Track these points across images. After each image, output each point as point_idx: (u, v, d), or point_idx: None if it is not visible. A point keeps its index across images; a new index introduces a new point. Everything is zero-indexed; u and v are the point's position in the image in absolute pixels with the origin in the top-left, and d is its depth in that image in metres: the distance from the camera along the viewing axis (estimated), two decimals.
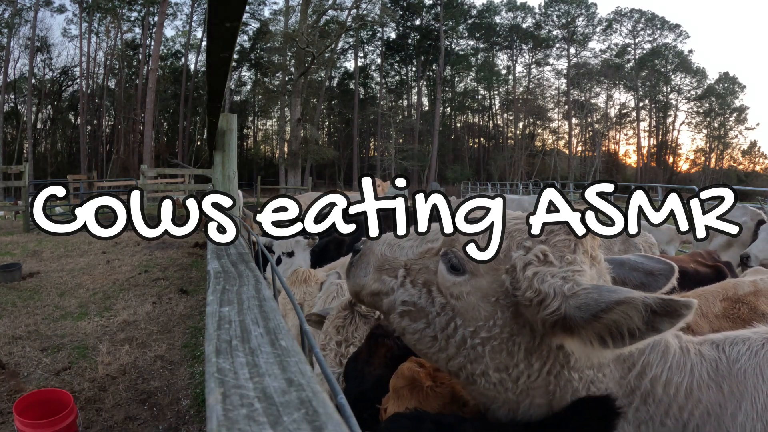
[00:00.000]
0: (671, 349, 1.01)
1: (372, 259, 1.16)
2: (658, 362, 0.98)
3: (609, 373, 0.96)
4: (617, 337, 0.80)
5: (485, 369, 0.94)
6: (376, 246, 1.18)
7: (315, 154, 35.53)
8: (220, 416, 0.52)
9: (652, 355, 0.98)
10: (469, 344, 0.95)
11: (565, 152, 48.58)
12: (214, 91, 3.06)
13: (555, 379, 0.93)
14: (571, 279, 0.87)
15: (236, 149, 4.58)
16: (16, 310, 5.40)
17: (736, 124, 48.60)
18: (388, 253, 1.14)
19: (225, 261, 1.91)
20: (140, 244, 9.67)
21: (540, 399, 0.94)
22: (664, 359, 0.98)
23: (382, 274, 1.13)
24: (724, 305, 1.73)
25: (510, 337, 0.92)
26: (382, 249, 1.15)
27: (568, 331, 0.83)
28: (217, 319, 0.98)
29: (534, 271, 0.89)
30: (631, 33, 48.25)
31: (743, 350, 1.03)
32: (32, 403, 2.92)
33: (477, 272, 0.96)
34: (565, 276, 0.87)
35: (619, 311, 0.78)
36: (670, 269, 1.14)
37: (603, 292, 0.81)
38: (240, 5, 1.76)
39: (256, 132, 51.16)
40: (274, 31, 40.68)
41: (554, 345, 0.91)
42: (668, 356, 0.99)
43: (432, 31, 46.81)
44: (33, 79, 39.25)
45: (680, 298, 0.79)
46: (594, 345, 0.81)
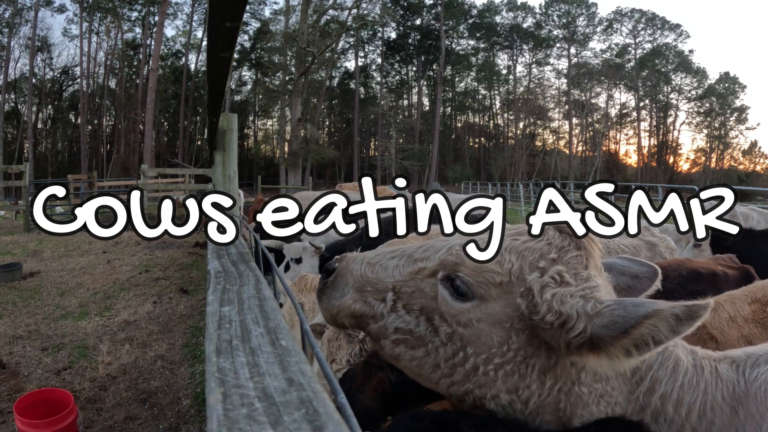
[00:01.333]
0: (682, 366, 0.98)
1: (350, 279, 1.06)
2: (668, 379, 0.95)
3: (617, 386, 0.94)
4: (642, 346, 0.79)
5: (496, 393, 0.91)
6: (353, 265, 1.07)
7: (315, 153, 35.54)
8: (221, 416, 0.52)
9: (661, 371, 0.96)
10: (481, 371, 0.90)
11: (566, 152, 48.57)
12: (215, 90, 3.06)
13: (566, 396, 0.90)
14: (591, 297, 0.85)
15: (237, 149, 4.59)
16: (16, 309, 5.40)
17: (736, 124, 48.59)
18: (370, 273, 1.03)
19: (225, 260, 1.91)
20: (141, 244, 9.68)
21: (549, 416, 0.92)
22: (674, 377, 0.96)
23: (366, 296, 1.03)
24: (753, 308, 1.68)
25: (524, 359, 0.89)
26: (361, 268, 1.05)
27: (595, 349, 0.81)
28: (218, 318, 0.98)
29: (552, 293, 0.86)
30: (632, 33, 48.23)
31: (764, 370, 0.98)
32: (33, 402, 2.92)
33: (488, 297, 0.90)
34: (584, 294, 0.85)
35: (648, 324, 0.77)
36: (654, 272, 1.15)
37: (628, 308, 0.80)
38: (240, 5, 1.76)
39: (256, 132, 51.19)
40: (274, 31, 40.67)
41: (569, 362, 0.89)
42: (678, 374, 0.96)
43: (432, 31, 46.79)
44: (33, 79, 39.27)
45: (700, 301, 0.79)
46: (620, 358, 0.81)
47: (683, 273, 2.14)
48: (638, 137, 49.77)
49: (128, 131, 40.81)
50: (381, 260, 1.05)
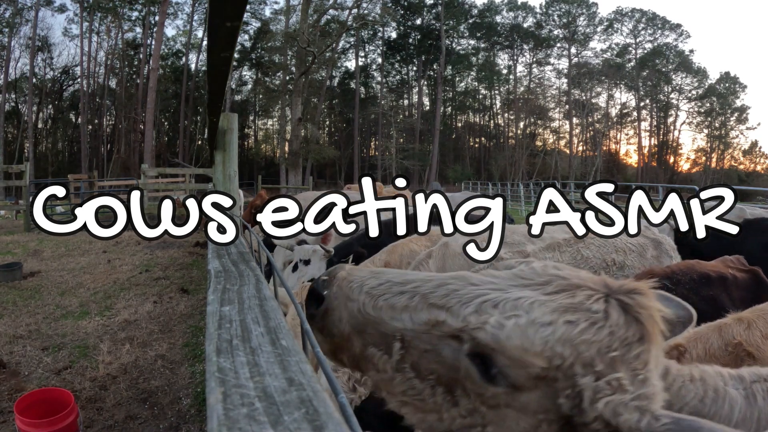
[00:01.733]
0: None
1: (344, 314, 0.85)
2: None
3: None
4: None
5: None
6: (348, 292, 0.85)
7: (316, 153, 35.53)
8: (221, 415, 0.52)
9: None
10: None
11: (566, 152, 48.54)
12: (215, 90, 3.06)
13: None
14: (647, 410, 0.74)
15: (237, 149, 4.59)
16: (16, 309, 5.40)
17: (737, 123, 48.54)
18: (371, 310, 0.83)
19: (226, 260, 1.91)
20: (141, 244, 9.68)
21: None
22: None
23: (366, 339, 0.83)
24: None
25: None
26: (360, 299, 0.84)
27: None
28: (218, 318, 0.98)
29: (606, 402, 0.73)
30: (632, 33, 48.18)
31: None
32: (33, 402, 2.92)
33: (524, 388, 0.77)
34: (641, 407, 0.75)
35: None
36: (689, 317, 1.03)
37: (684, 428, 0.71)
38: (240, 5, 1.76)
39: (256, 131, 51.16)
40: (274, 31, 40.65)
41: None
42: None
43: (433, 31, 46.76)
44: (34, 79, 39.26)
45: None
46: None
47: (694, 277, 2.13)
48: (638, 137, 49.76)
49: (128, 131, 40.81)
50: (385, 293, 0.83)
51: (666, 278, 2.06)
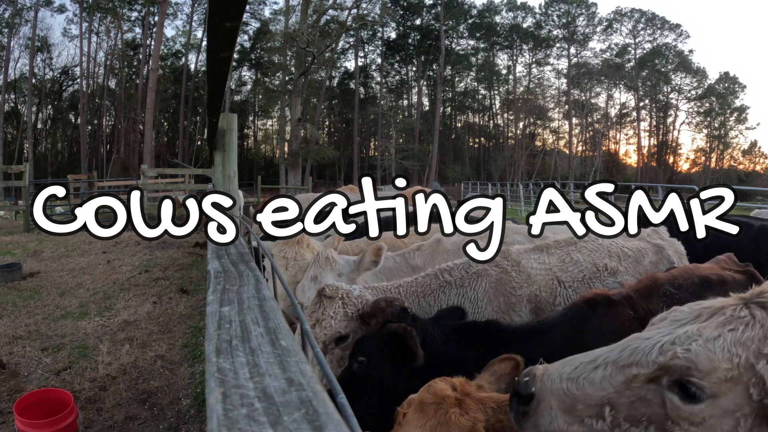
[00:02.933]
0: None
1: (554, 401, 1.03)
2: None
3: None
4: None
5: None
6: (550, 384, 1.05)
7: (315, 153, 35.51)
8: (221, 416, 0.52)
9: None
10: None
11: (566, 152, 48.55)
12: (215, 90, 3.06)
13: None
14: None
15: (236, 149, 4.59)
16: (16, 309, 5.40)
17: (736, 123, 48.55)
18: (575, 390, 1.02)
19: (225, 261, 1.90)
20: (140, 244, 9.67)
21: None
22: None
23: (579, 415, 1.01)
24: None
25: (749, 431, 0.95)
26: (563, 386, 1.03)
27: None
28: (218, 318, 0.98)
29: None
30: (632, 33, 48.21)
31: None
32: (32, 402, 2.92)
33: (719, 394, 0.94)
34: None
35: None
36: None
37: None
38: (240, 5, 1.76)
39: (256, 132, 51.16)
40: (274, 31, 40.65)
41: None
42: None
43: (432, 31, 46.77)
44: (33, 79, 39.25)
45: None
46: None
47: (696, 281, 2.14)
48: (638, 137, 49.78)
49: (128, 131, 40.80)
50: (582, 373, 1.02)
51: (668, 284, 2.05)
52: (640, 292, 1.94)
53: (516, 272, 2.24)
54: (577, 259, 2.38)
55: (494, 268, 2.25)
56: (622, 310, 1.81)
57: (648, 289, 1.96)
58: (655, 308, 1.82)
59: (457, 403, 1.18)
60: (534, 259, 2.34)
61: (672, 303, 1.94)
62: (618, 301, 1.83)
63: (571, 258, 2.38)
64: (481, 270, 2.24)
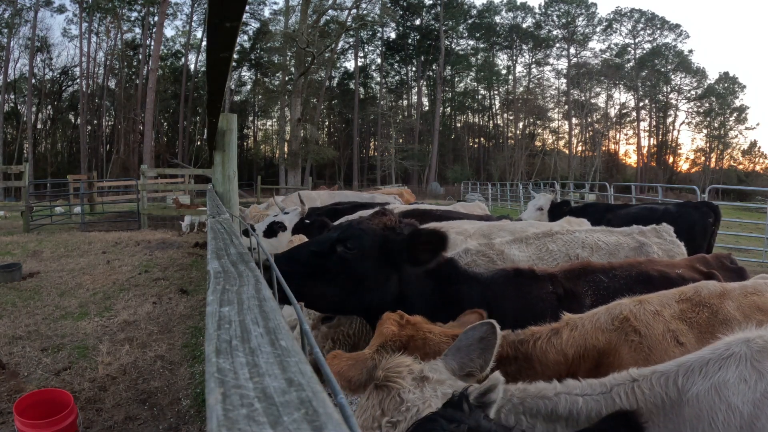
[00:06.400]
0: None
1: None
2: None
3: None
4: None
5: None
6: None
7: (315, 154, 35.50)
8: (220, 416, 0.52)
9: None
10: None
11: (565, 152, 48.56)
12: (214, 91, 3.06)
13: None
14: None
15: (236, 149, 4.58)
16: (16, 310, 5.40)
17: (736, 123, 48.60)
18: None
19: (225, 261, 1.90)
20: (140, 244, 9.67)
21: None
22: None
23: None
24: (681, 307, 1.70)
25: None
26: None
27: None
28: (217, 319, 0.98)
29: None
30: (631, 33, 48.24)
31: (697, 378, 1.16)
32: (32, 403, 2.92)
33: None
34: None
35: None
36: (491, 329, 1.33)
37: None
38: (240, 5, 1.75)
39: (256, 132, 51.17)
40: (274, 31, 40.64)
41: None
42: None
43: (432, 31, 46.78)
44: (33, 79, 39.25)
45: None
46: None
47: (633, 275, 2.20)
48: (638, 137, 49.82)
49: (128, 131, 40.79)
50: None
51: (601, 272, 2.15)
52: (567, 273, 2.16)
53: (501, 261, 2.50)
54: (552, 249, 2.66)
55: (481, 258, 2.51)
56: (542, 284, 2.08)
57: (577, 272, 2.17)
58: (579, 291, 2.09)
59: (399, 326, 1.52)
60: (515, 248, 2.62)
61: (599, 289, 2.11)
62: (540, 276, 2.12)
63: (547, 248, 2.67)
64: (470, 261, 2.49)
